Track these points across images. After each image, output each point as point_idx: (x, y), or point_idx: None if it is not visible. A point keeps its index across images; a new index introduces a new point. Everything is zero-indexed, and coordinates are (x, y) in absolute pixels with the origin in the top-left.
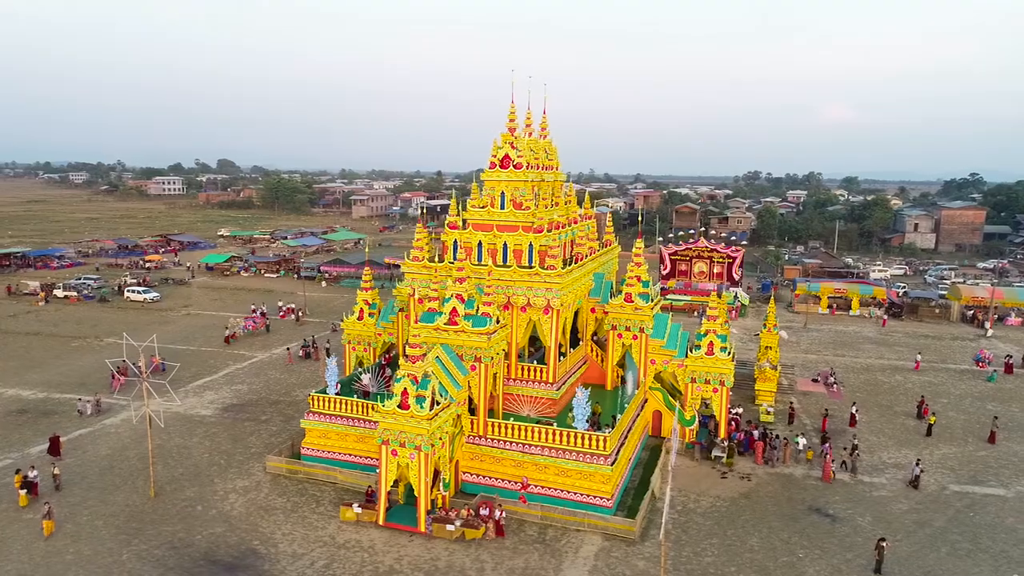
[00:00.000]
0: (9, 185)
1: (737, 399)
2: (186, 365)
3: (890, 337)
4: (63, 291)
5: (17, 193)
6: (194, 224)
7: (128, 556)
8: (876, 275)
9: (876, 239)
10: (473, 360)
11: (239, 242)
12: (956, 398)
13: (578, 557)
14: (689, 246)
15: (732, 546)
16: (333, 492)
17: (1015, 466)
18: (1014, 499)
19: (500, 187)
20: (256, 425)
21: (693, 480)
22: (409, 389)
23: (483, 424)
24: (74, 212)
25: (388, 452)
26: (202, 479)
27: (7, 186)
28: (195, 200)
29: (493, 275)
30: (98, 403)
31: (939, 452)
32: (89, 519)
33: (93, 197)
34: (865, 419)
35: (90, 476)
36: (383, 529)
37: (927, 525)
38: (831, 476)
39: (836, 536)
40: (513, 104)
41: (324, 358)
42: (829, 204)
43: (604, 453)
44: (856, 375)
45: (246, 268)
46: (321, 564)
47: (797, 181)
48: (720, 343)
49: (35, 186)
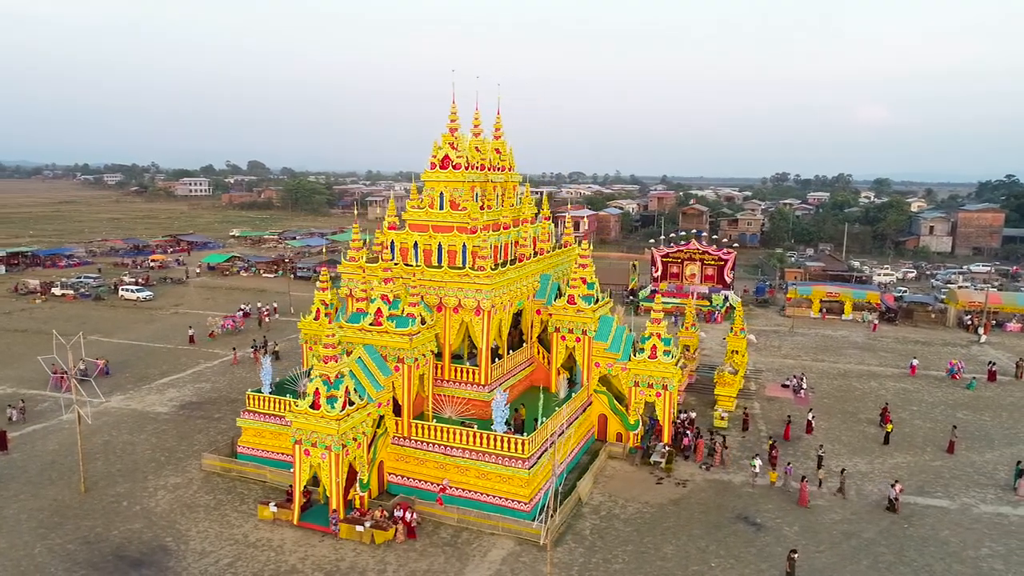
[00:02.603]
0: (47, 186)
1: (701, 404)
2: (157, 363)
3: (878, 343)
4: (60, 289)
5: (52, 194)
6: (211, 225)
7: (40, 550)
8: (881, 278)
9: (890, 242)
10: (396, 361)
11: (248, 242)
12: (928, 406)
13: (484, 561)
14: (681, 248)
15: (645, 553)
16: (261, 491)
17: (968, 478)
18: (956, 511)
19: (439, 187)
20: (207, 423)
21: (626, 485)
22: (321, 389)
23: (407, 425)
24: (99, 213)
25: (301, 452)
26: (136, 475)
27: (44, 187)
28: (219, 201)
29: (425, 276)
30: (23, 410)
31: (892, 461)
32: (15, 513)
33: (122, 198)
34: (825, 425)
35: (30, 471)
36: (297, 529)
37: (855, 536)
38: (808, 501)
39: (756, 546)
40: (454, 105)
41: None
42: (846, 206)
43: (522, 456)
44: (830, 380)
45: (246, 268)
46: (225, 563)
47: (826, 183)
48: (664, 346)
49: (71, 187)
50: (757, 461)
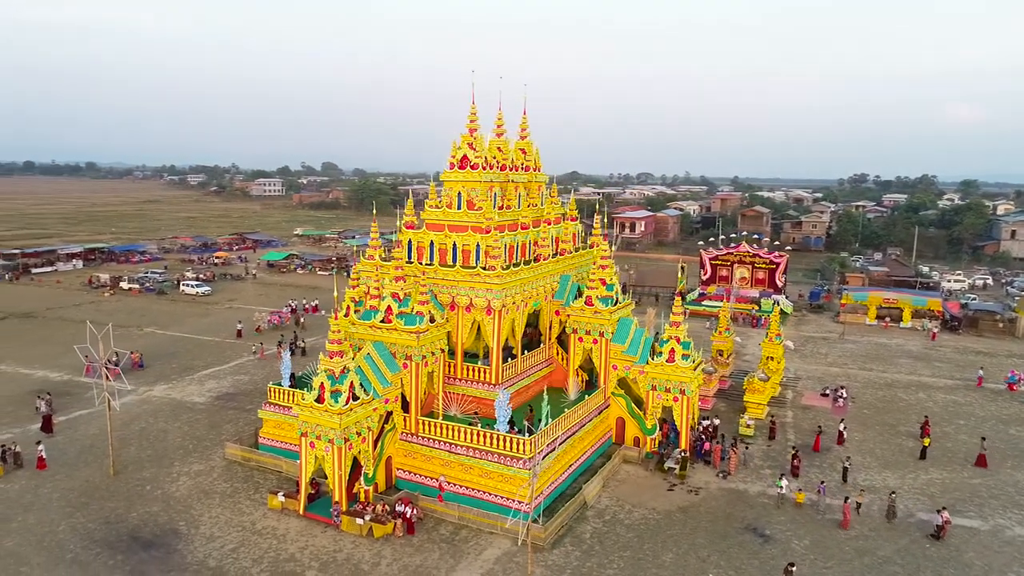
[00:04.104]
0: (135, 186)
1: (732, 410)
2: (203, 355)
3: (934, 352)
4: (128, 284)
5: (138, 194)
6: (279, 224)
7: (64, 527)
8: (950, 285)
9: (966, 246)
10: (404, 358)
11: (310, 241)
12: (978, 420)
13: (478, 559)
14: (730, 250)
15: (642, 560)
16: (276, 481)
17: (1007, 497)
18: (986, 533)
19: (457, 187)
20: (238, 414)
21: (637, 490)
22: (325, 384)
23: (415, 422)
24: (179, 212)
25: (307, 444)
26: (163, 461)
27: (133, 187)
28: (290, 201)
29: (438, 274)
30: (50, 403)
31: (925, 477)
32: (49, 492)
33: (202, 198)
34: (860, 437)
35: (69, 453)
36: (303, 519)
37: (869, 554)
38: (849, 524)
39: (760, 558)
40: (474, 106)
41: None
42: (922, 208)
43: (523, 456)
44: (874, 391)
45: (302, 266)
46: (230, 548)
47: (907, 184)
48: (683, 350)
49: (157, 187)
50: (784, 481)
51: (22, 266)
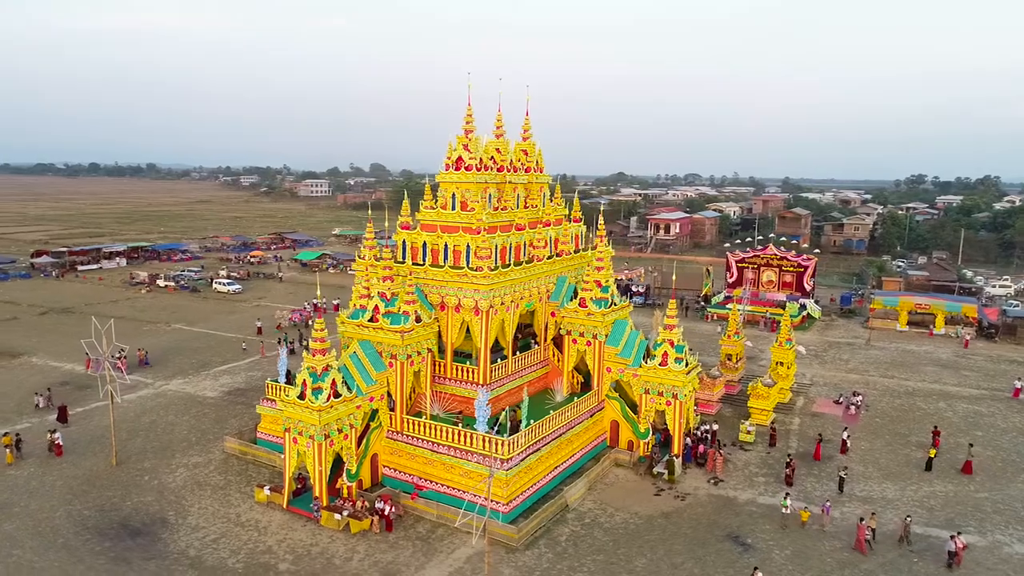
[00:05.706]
0: (191, 187)
1: (736, 416)
2: (223, 351)
3: (964, 360)
4: (164, 281)
5: (192, 194)
6: (320, 224)
7: (61, 514)
8: (994, 291)
9: (1019, 250)
10: (390, 357)
11: (347, 241)
12: (998, 432)
13: (449, 557)
14: (757, 253)
15: (614, 564)
16: (268, 475)
17: (1012, 513)
18: (982, 549)
19: (451, 188)
20: (245, 408)
21: (623, 494)
22: (308, 381)
23: (400, 420)
24: (227, 211)
25: (290, 439)
26: (165, 453)
27: (189, 188)
28: (334, 202)
29: (428, 275)
30: (49, 398)
31: (927, 489)
32: (53, 479)
33: (251, 198)
34: (866, 446)
35: (80, 443)
36: (286, 513)
37: (851, 567)
38: (865, 547)
39: (736, 567)
40: (470, 107)
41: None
42: (975, 211)
43: (502, 457)
44: (892, 399)
45: (334, 265)
46: (211, 539)
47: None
48: (676, 354)
49: (211, 188)
50: (788, 500)
51: (69, 263)
